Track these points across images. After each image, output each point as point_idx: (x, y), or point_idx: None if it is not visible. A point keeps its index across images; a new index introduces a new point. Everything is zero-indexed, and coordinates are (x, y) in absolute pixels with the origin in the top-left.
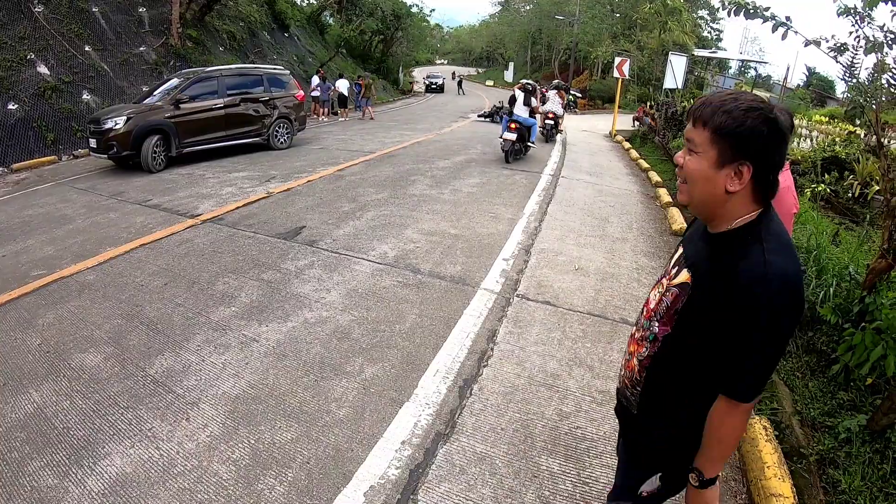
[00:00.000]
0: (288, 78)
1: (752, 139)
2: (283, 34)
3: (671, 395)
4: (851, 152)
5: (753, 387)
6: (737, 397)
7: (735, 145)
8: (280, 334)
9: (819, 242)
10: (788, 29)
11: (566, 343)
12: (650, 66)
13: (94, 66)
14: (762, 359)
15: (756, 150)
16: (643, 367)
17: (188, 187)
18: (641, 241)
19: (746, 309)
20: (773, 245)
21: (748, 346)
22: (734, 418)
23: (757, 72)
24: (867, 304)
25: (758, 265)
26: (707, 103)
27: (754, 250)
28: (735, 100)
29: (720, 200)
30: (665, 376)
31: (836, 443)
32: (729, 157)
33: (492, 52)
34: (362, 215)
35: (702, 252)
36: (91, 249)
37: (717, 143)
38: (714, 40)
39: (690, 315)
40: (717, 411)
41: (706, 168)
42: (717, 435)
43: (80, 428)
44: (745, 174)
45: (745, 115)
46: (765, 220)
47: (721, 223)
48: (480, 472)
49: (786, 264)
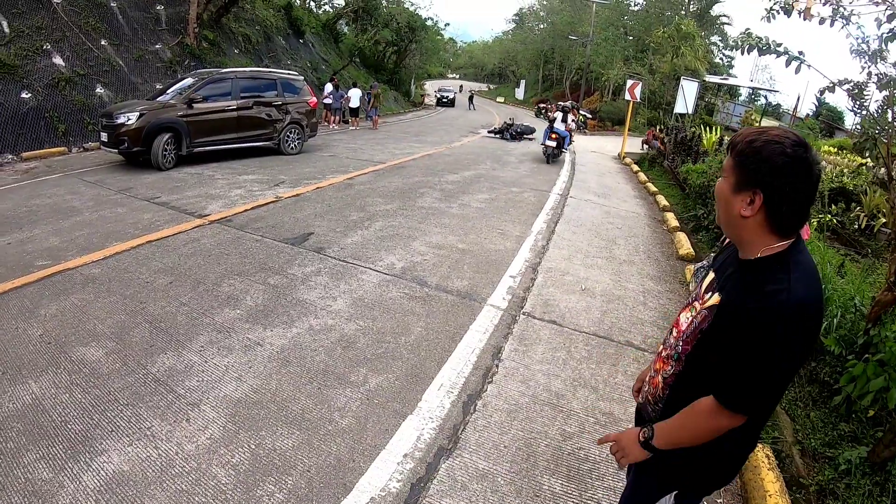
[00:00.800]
0: (301, 84)
1: (764, 169)
2: (298, 40)
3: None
4: (859, 184)
5: (745, 399)
6: (724, 402)
7: (749, 172)
8: (284, 340)
9: (825, 273)
10: (801, 63)
11: (571, 363)
12: (661, 89)
13: (109, 60)
14: (763, 377)
15: (766, 179)
16: (667, 385)
17: (197, 187)
18: (648, 265)
19: (760, 328)
20: (799, 274)
21: (752, 362)
22: (711, 421)
23: (767, 100)
24: (871, 337)
25: (781, 290)
26: (742, 133)
27: (780, 277)
28: (762, 133)
29: (738, 224)
30: (686, 394)
31: (837, 474)
32: (743, 183)
33: (504, 69)
34: (371, 225)
35: (733, 276)
36: (97, 243)
37: (736, 168)
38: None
39: (713, 334)
40: (702, 405)
41: (726, 190)
42: (687, 422)
43: (78, 422)
44: (756, 202)
45: (763, 146)
46: (794, 251)
47: (748, 249)
48: (482, 488)
49: (806, 293)
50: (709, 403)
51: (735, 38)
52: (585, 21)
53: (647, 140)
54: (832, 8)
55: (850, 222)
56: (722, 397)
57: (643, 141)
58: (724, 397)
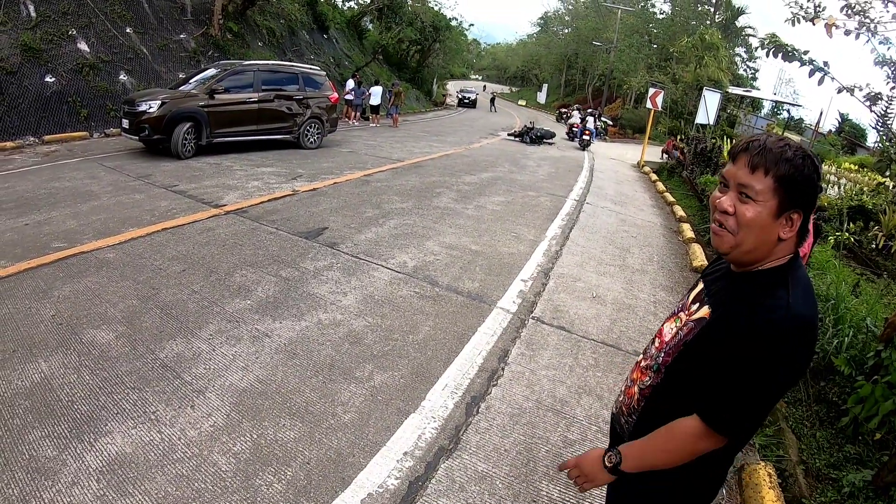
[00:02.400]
0: (323, 79)
1: (809, 188)
2: (322, 35)
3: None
4: (878, 203)
5: (735, 421)
6: (713, 424)
7: (794, 193)
8: (293, 332)
9: (839, 292)
10: (826, 75)
11: (577, 370)
12: (683, 99)
13: (133, 48)
14: (753, 398)
15: (809, 198)
16: (643, 397)
17: (215, 177)
18: (661, 275)
19: (755, 345)
20: (798, 291)
21: (746, 383)
22: (696, 444)
23: (790, 114)
24: (882, 358)
25: (780, 308)
26: (764, 149)
27: (779, 293)
28: (788, 146)
29: (770, 247)
30: (663, 408)
31: (839, 496)
32: (787, 205)
33: (527, 72)
34: (385, 222)
35: (726, 289)
36: (113, 228)
37: (779, 192)
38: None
39: (699, 348)
40: (684, 427)
41: (765, 217)
42: (667, 445)
43: (84, 403)
44: (795, 222)
45: (803, 164)
46: (794, 264)
47: (755, 265)
48: (480, 491)
49: (806, 312)
50: (692, 425)
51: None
52: (610, 27)
53: (666, 149)
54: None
55: (867, 241)
56: (710, 418)
57: (663, 150)
58: (712, 418)
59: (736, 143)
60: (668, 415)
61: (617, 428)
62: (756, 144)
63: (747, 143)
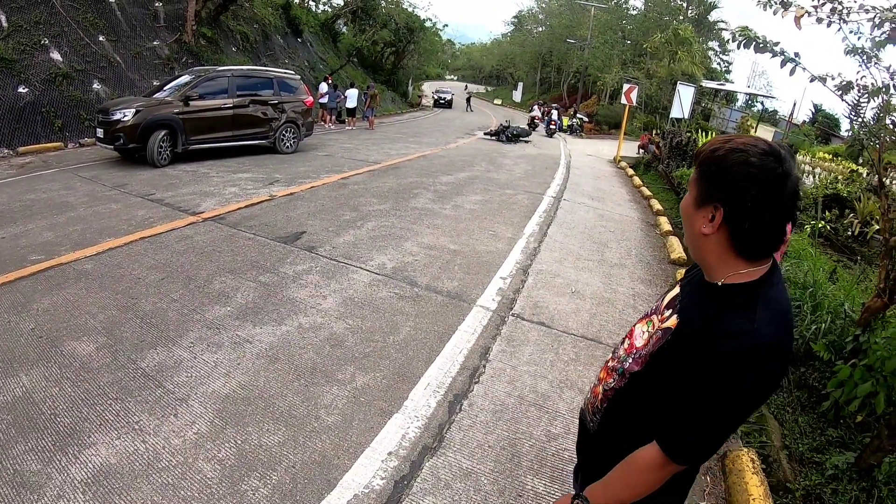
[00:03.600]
0: (298, 83)
1: (725, 180)
2: (296, 39)
3: (627, 432)
4: (853, 191)
5: (693, 450)
6: (672, 454)
7: (711, 184)
8: (273, 337)
9: (816, 279)
10: (797, 65)
11: (558, 365)
12: (658, 94)
13: (106, 56)
14: (715, 425)
15: (727, 192)
16: (606, 398)
17: (192, 184)
18: (640, 268)
19: (716, 372)
20: (766, 314)
21: (703, 408)
22: (657, 474)
23: (763, 106)
24: (861, 343)
25: (744, 332)
26: (709, 142)
27: (745, 314)
28: (728, 140)
29: (699, 243)
30: (624, 412)
31: (823, 479)
32: (706, 196)
33: (502, 71)
34: (363, 225)
35: (694, 300)
36: (91, 238)
37: (698, 180)
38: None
39: (664, 359)
40: (644, 459)
41: (688, 205)
42: (630, 480)
43: (67, 415)
44: (717, 218)
45: (725, 155)
46: (767, 282)
47: (712, 272)
48: (465, 487)
49: (772, 337)
50: (651, 455)
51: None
52: (584, 25)
53: (642, 144)
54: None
55: (843, 229)
56: (670, 449)
57: (639, 145)
58: (672, 449)
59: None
60: (629, 419)
61: (585, 424)
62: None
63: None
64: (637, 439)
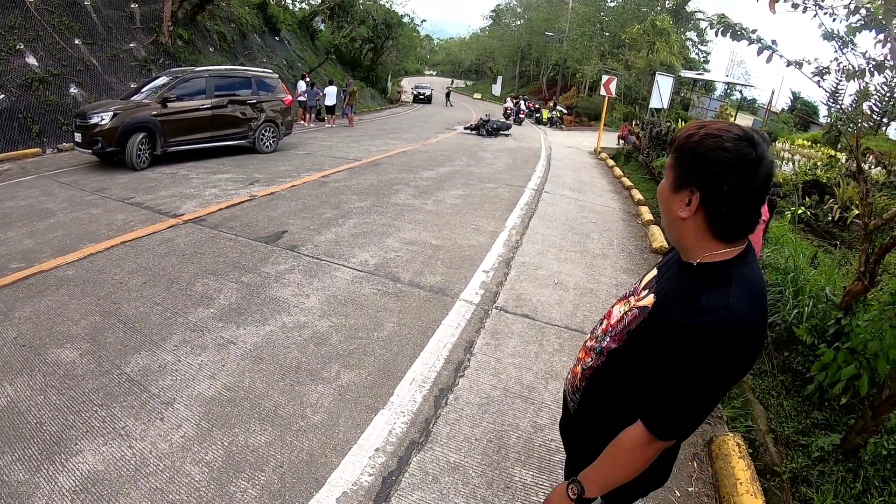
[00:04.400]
0: (276, 81)
1: (700, 165)
2: (273, 38)
3: (606, 410)
4: (832, 176)
5: (676, 427)
6: (656, 432)
7: (686, 170)
8: (257, 337)
9: (797, 264)
10: (774, 52)
11: (543, 356)
12: (637, 85)
13: (83, 59)
14: (693, 401)
15: (703, 177)
16: (584, 377)
17: (171, 187)
18: (622, 258)
19: (694, 348)
20: (741, 290)
21: (684, 384)
22: (644, 452)
23: (742, 94)
24: (843, 326)
25: (719, 307)
26: (685, 128)
27: (720, 291)
28: (703, 126)
29: (677, 227)
30: (602, 391)
31: (810, 461)
32: (681, 182)
33: (481, 66)
34: (344, 222)
35: (672, 279)
36: (71, 244)
37: (673, 165)
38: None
39: (641, 338)
40: (631, 439)
41: (665, 190)
42: (619, 460)
43: (53, 423)
44: (693, 202)
45: (700, 141)
46: (741, 261)
47: (688, 253)
48: (453, 481)
49: (747, 313)
50: (637, 434)
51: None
52: (562, 17)
53: (622, 135)
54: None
55: (823, 214)
56: (653, 427)
57: (619, 136)
58: (655, 427)
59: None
60: (607, 398)
61: (567, 404)
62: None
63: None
64: (614, 417)
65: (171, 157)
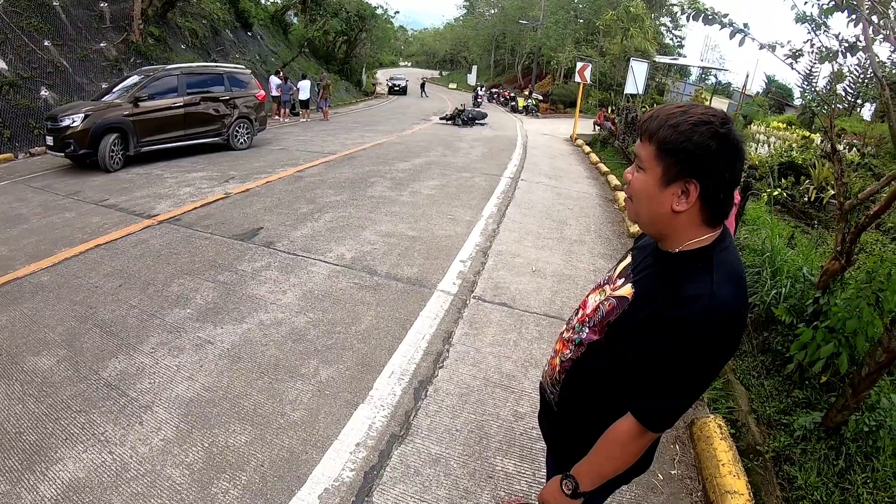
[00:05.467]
0: (249, 77)
1: (699, 156)
2: (245, 33)
3: (588, 401)
4: (808, 158)
5: (667, 417)
6: (647, 424)
7: (681, 162)
8: (235, 336)
9: (774, 245)
10: (746, 35)
11: (522, 344)
12: (612, 71)
13: (53, 61)
14: (684, 390)
15: (703, 167)
16: (563, 369)
17: (145, 187)
18: (599, 244)
19: (681, 338)
20: (723, 276)
21: (674, 374)
22: (638, 442)
23: (717, 79)
24: (821, 305)
25: (703, 295)
26: (654, 116)
27: (702, 278)
28: (684, 113)
29: (666, 220)
30: (583, 382)
31: (792, 440)
32: (675, 174)
33: (455, 56)
34: (320, 217)
35: (649, 269)
36: (46, 250)
37: (662, 159)
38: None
39: (622, 329)
40: (622, 431)
41: (651, 186)
42: (612, 453)
43: (32, 433)
44: (692, 193)
45: (692, 130)
46: (719, 246)
47: (671, 243)
48: (435, 473)
49: (731, 298)
50: (628, 426)
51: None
52: (536, 5)
53: (598, 121)
54: None
55: (799, 195)
56: (645, 419)
57: (595, 122)
58: (647, 419)
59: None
60: (587, 389)
61: (545, 397)
62: (648, 113)
63: (646, 115)
64: (596, 408)
65: (145, 158)
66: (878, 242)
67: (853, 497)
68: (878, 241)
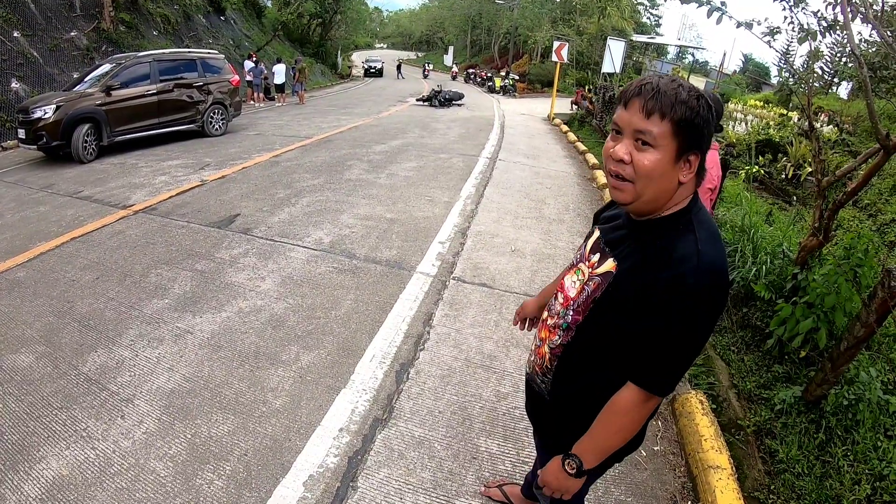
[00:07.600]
0: (222, 62)
1: (705, 128)
2: (219, 18)
3: (584, 384)
4: (785, 135)
5: (671, 379)
6: (652, 389)
7: (693, 136)
8: (214, 325)
9: (753, 222)
10: (723, 14)
11: (503, 324)
12: (589, 50)
13: (22, 52)
14: (683, 351)
15: (705, 138)
16: (554, 356)
17: (120, 177)
18: (578, 222)
19: (674, 300)
20: (705, 235)
21: (671, 337)
22: (642, 410)
23: (694, 57)
24: (799, 281)
25: (690, 256)
26: (658, 92)
27: (687, 240)
28: (682, 87)
29: (670, 193)
30: (577, 365)
31: (773, 414)
32: (686, 148)
33: (431, 36)
34: (297, 201)
35: (627, 239)
36: (21, 245)
37: (678, 135)
38: (653, 26)
39: (610, 303)
40: (626, 401)
41: (665, 162)
42: (617, 424)
43: (13, 432)
44: (693, 163)
45: (698, 105)
46: (695, 207)
47: (661, 210)
48: (419, 455)
49: (716, 256)
50: (631, 395)
51: None
52: None
53: (576, 100)
54: None
55: (777, 172)
56: (647, 384)
57: (572, 101)
58: (649, 384)
59: (626, 87)
60: (583, 371)
61: (534, 387)
62: (649, 88)
63: (639, 87)
64: (594, 388)
65: (119, 147)
66: (855, 219)
67: (834, 469)
68: (856, 218)
